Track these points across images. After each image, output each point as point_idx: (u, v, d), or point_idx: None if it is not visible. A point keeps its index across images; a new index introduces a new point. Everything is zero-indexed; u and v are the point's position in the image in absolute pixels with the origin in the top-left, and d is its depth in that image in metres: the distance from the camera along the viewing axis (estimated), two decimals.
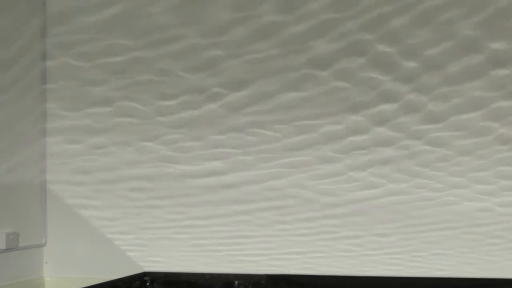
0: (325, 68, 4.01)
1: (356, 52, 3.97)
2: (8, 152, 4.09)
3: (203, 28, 4.21)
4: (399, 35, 3.92)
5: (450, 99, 3.85)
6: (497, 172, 3.83)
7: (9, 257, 4.03)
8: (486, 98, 3.78)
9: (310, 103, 4.06)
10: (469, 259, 3.94)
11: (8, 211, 4.09)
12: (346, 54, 3.99)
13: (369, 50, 3.95)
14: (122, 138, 4.30)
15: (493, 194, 3.88)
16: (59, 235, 4.38)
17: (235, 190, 4.19)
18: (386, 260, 3.97)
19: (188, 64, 4.24)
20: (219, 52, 4.18)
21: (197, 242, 4.23)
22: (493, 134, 3.81)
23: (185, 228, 4.24)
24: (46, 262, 4.39)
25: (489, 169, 3.83)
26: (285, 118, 4.12)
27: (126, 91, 4.36)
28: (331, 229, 4.01)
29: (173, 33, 4.26)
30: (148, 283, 4.27)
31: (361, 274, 3.94)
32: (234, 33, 4.14)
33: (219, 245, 4.20)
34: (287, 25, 4.06)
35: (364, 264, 3.98)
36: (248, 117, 4.15)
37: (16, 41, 4.28)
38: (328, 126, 4.04)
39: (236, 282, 4.13)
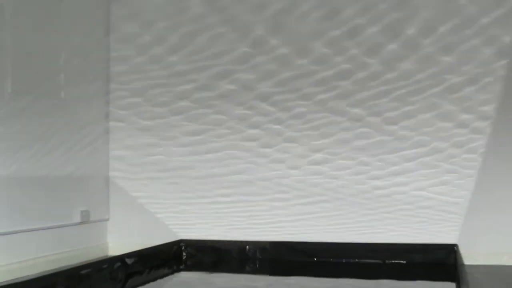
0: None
1: None
2: (81, 153, 4.42)
3: None
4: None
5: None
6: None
7: (82, 228, 4.38)
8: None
9: None
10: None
11: (82, 195, 4.41)
12: None
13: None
14: (168, 142, 4.63)
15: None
16: (118, 212, 4.69)
17: (250, 181, 4.49)
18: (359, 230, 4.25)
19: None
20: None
21: (220, 217, 4.54)
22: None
23: (211, 206, 4.54)
24: (109, 232, 4.70)
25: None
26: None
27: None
28: (320, 209, 4.33)
29: None
30: (183, 248, 4.55)
31: (342, 241, 4.24)
32: None
33: (236, 220, 4.50)
34: None
35: (345, 234, 4.27)
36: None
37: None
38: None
39: (247, 247, 4.43)
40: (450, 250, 4.05)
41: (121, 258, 3.82)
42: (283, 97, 4.44)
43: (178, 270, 4.38)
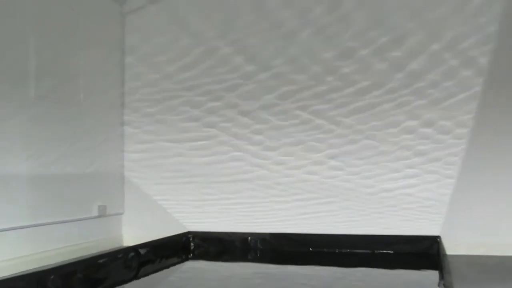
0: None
1: None
2: (99, 154, 4.47)
3: None
4: None
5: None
6: None
7: (100, 221, 4.43)
8: None
9: None
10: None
11: (100, 191, 4.47)
12: None
13: None
14: (178, 149, 4.70)
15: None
16: (132, 207, 4.76)
17: (251, 182, 4.55)
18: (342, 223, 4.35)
19: None
20: None
21: (224, 212, 4.60)
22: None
23: (216, 203, 4.61)
24: (124, 225, 4.75)
25: None
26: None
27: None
28: (313, 203, 4.41)
29: None
30: (191, 239, 4.60)
31: (335, 233, 4.31)
32: None
33: (239, 214, 4.56)
34: None
35: (337, 227, 4.33)
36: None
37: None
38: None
39: (249, 238, 4.50)
40: (433, 241, 4.11)
41: (134, 248, 3.88)
42: (279, 117, 4.52)
43: (187, 259, 4.39)
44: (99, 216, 4.41)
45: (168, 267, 4.11)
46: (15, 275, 2.80)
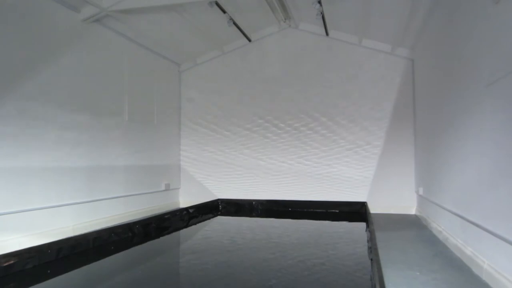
0: None
1: None
2: (166, 153, 4.66)
3: None
4: None
5: None
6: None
7: (166, 193, 4.69)
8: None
9: None
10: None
11: (166, 175, 4.70)
12: None
13: None
14: (212, 151, 4.93)
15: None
16: (185, 184, 5.02)
17: (255, 170, 4.73)
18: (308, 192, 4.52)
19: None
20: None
21: (239, 187, 4.82)
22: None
23: (235, 182, 4.83)
24: (180, 195, 4.97)
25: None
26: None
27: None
28: (291, 182, 4.63)
29: None
30: (219, 203, 4.74)
31: (303, 199, 4.50)
32: None
33: (249, 188, 4.77)
34: None
35: (304, 195, 4.50)
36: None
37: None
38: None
39: (253, 202, 4.67)
40: (362, 205, 4.33)
41: (186, 208, 4.05)
42: (271, 133, 4.74)
43: (217, 215, 4.46)
44: (165, 190, 4.66)
45: (206, 220, 4.16)
46: (115, 225, 3.09)
